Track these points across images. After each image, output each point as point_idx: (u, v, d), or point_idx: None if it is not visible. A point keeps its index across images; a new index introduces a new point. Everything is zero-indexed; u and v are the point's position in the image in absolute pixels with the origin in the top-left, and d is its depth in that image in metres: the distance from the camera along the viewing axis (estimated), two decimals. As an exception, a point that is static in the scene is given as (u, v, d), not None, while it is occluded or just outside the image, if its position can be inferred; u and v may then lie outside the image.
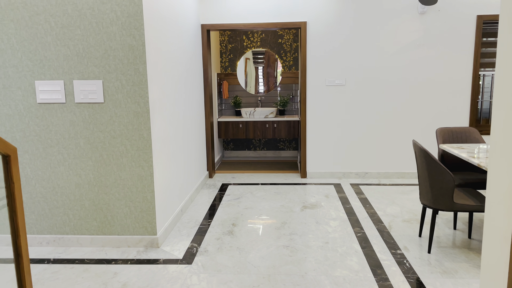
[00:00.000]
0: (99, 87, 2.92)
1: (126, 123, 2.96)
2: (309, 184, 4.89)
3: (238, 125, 6.08)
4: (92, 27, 2.86)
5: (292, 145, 6.66)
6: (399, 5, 4.68)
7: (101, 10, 2.83)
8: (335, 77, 4.91)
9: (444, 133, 3.67)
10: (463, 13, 4.64)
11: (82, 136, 2.99)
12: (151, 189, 3.04)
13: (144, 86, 2.91)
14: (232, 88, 6.55)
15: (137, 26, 2.84)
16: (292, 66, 6.42)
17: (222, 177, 5.32)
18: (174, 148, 3.64)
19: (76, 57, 2.90)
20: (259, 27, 4.87)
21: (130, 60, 2.88)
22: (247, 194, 4.50)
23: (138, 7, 2.81)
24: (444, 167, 2.74)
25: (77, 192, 3.08)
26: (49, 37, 2.89)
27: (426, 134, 4.94)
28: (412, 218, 3.65)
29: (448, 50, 4.72)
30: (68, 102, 2.96)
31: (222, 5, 4.86)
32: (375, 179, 5.06)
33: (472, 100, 4.78)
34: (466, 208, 2.78)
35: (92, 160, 3.03)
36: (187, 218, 3.76)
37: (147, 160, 3.00)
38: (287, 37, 6.34)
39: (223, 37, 6.41)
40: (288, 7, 4.81)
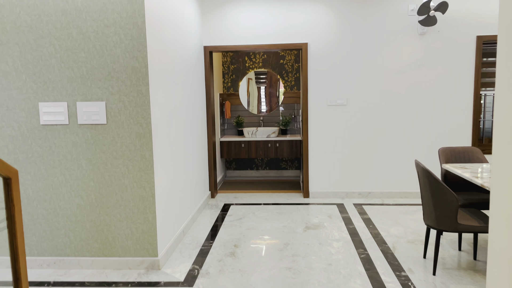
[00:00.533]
0: (102, 109, 2.94)
1: (128, 144, 2.97)
2: (312, 204, 4.86)
3: (241, 145, 6.09)
4: (96, 50, 2.90)
5: (295, 164, 6.65)
6: (399, 26, 4.74)
7: (105, 33, 2.88)
8: (337, 97, 4.94)
9: (447, 152, 3.66)
10: (462, 33, 4.69)
11: (85, 157, 3.00)
12: (153, 210, 3.03)
13: (146, 107, 2.93)
14: (234, 108, 6.59)
15: (140, 49, 2.88)
16: (294, 86, 6.46)
17: (225, 197, 5.29)
18: (176, 168, 3.64)
19: (80, 79, 2.94)
20: (261, 49, 4.93)
21: (133, 81, 2.91)
22: (250, 214, 4.47)
23: (141, 31, 2.85)
24: (447, 187, 2.72)
25: (78, 213, 3.07)
26: (54, 59, 2.93)
27: (428, 153, 4.92)
28: (416, 239, 3.61)
29: (448, 70, 4.75)
30: (71, 124, 2.98)
31: (225, 27, 4.93)
32: (378, 199, 5.02)
33: (474, 119, 4.79)
34: (471, 229, 2.74)
35: (94, 181, 3.02)
36: (189, 239, 3.73)
37: (148, 181, 3.00)
38: (289, 58, 6.41)
39: (226, 58, 6.48)
40: (289, 29, 4.88)
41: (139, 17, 2.84)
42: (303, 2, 4.83)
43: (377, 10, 4.75)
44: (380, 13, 4.75)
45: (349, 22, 4.81)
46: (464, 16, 4.66)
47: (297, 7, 4.84)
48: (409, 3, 4.70)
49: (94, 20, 2.87)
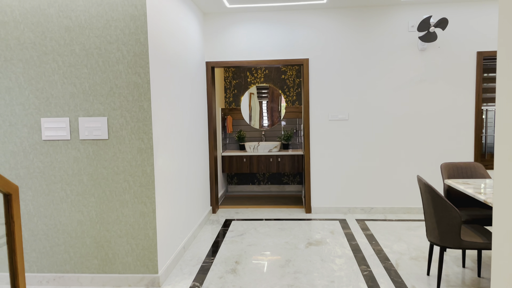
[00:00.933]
0: (103, 124, 2.95)
1: (129, 159, 2.97)
2: (314, 219, 4.82)
3: (242, 160, 6.09)
4: (98, 66, 2.93)
5: (297, 179, 6.63)
6: (400, 42, 4.78)
7: (107, 49, 2.91)
8: (338, 112, 4.94)
9: (449, 168, 3.64)
10: (463, 49, 4.72)
11: (86, 173, 3.00)
12: (153, 226, 3.01)
13: (148, 122, 2.94)
14: (236, 122, 6.60)
15: (143, 65, 2.90)
16: (296, 101, 6.49)
17: (226, 212, 5.26)
18: (177, 183, 3.63)
19: (82, 94, 2.96)
20: (262, 64, 4.96)
21: (135, 97, 2.93)
22: (251, 230, 4.43)
23: (144, 47, 2.88)
24: (450, 203, 2.70)
25: (78, 229, 3.05)
26: (56, 75, 2.95)
27: (431, 168, 4.90)
28: (419, 255, 3.56)
29: (450, 85, 4.77)
30: (72, 139, 2.99)
31: (227, 43, 4.97)
32: (381, 214, 4.99)
33: (476, 134, 4.78)
34: (474, 246, 2.71)
35: (94, 197, 3.02)
36: (190, 255, 3.70)
37: (149, 196, 2.98)
38: (290, 73, 6.45)
39: (228, 73, 6.53)
40: (290, 44, 4.92)
41: (142, 33, 2.87)
42: (304, 18, 4.88)
43: (378, 26, 4.79)
44: (381, 29, 4.79)
45: (350, 38, 4.85)
46: (464, 32, 4.70)
47: (298, 23, 4.89)
48: (409, 19, 4.74)
49: (97, 36, 2.90)
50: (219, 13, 4.95)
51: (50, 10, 2.90)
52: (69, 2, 2.89)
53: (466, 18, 4.69)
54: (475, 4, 4.66)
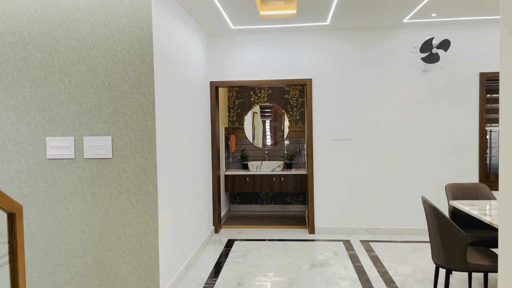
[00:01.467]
0: (108, 143, 2.96)
1: (133, 178, 2.97)
2: (318, 240, 4.77)
3: (245, 179, 6.07)
4: (104, 86, 2.96)
5: (300, 199, 6.59)
6: (402, 63, 4.82)
7: (113, 69, 2.95)
8: (342, 132, 4.95)
9: (454, 189, 3.62)
10: (465, 70, 4.75)
11: (89, 192, 3.00)
12: (156, 246, 2.99)
13: (152, 141, 2.95)
14: (239, 141, 6.62)
15: (148, 85, 2.93)
16: (299, 121, 6.51)
17: (229, 232, 5.22)
18: (180, 203, 3.62)
19: (88, 114, 2.98)
20: (266, 84, 5.01)
21: (140, 116, 2.95)
22: (254, 250, 4.39)
23: (149, 67, 2.92)
24: (455, 225, 2.67)
25: (81, 248, 3.03)
26: (63, 95, 2.99)
27: (435, 189, 4.87)
28: (425, 278, 3.51)
29: (453, 106, 4.78)
30: (77, 158, 3.00)
31: (231, 63, 5.03)
32: (385, 235, 4.93)
33: (480, 155, 4.76)
34: (481, 269, 2.67)
35: (97, 216, 3.01)
36: (192, 276, 3.66)
37: (152, 215, 2.97)
38: (293, 93, 6.49)
39: (231, 92, 6.58)
40: (293, 64, 4.97)
41: (148, 54, 2.91)
42: (307, 39, 4.94)
43: (380, 46, 4.85)
44: (384, 50, 4.84)
45: (353, 59, 4.90)
46: (467, 53, 4.74)
47: (302, 44, 4.95)
48: (412, 40, 4.79)
49: (104, 57, 2.95)
50: (224, 34, 5.03)
51: (58, 31, 2.96)
52: (77, 24, 2.95)
53: (468, 39, 4.74)
54: (477, 26, 4.72)
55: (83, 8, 2.94)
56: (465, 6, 4.06)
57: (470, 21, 4.63)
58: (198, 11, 4.00)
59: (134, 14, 2.91)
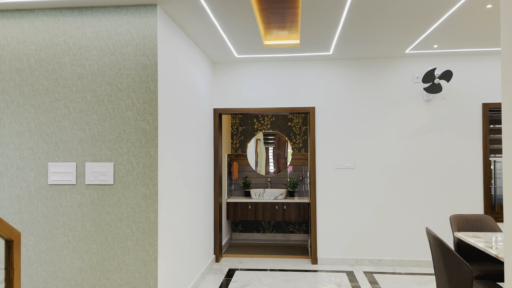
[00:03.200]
0: (110, 169, 2.96)
1: (133, 205, 2.95)
2: (320, 271, 4.67)
3: (247, 206, 6.02)
4: (108, 112, 2.99)
5: (303, 228, 6.50)
6: (405, 93, 4.85)
7: (118, 96, 2.98)
8: (345, 160, 4.94)
9: (459, 220, 3.56)
10: (468, 101, 4.77)
11: (89, 218, 2.97)
12: (155, 275, 2.93)
13: (154, 168, 2.94)
14: (242, 168, 6.60)
15: (151, 112, 2.95)
16: (302, 148, 6.51)
17: (230, 261, 5.13)
18: (181, 231, 3.57)
19: (91, 140, 2.99)
20: (269, 111, 5.03)
21: (142, 143, 2.96)
22: (255, 281, 4.30)
23: (153, 94, 2.95)
24: (461, 258, 2.61)
25: (78, 277, 2.98)
26: (67, 121, 3.01)
27: (439, 220, 4.80)
28: (430, 312, 3.41)
29: (456, 136, 4.77)
30: (78, 184, 2.99)
31: (234, 91, 5.08)
32: (389, 267, 4.83)
33: (485, 186, 4.71)
34: (488, 304, 2.59)
35: (96, 243, 2.97)
36: (191, 306, 3.57)
37: (152, 244, 2.93)
38: (297, 121, 6.52)
39: (235, 119, 6.62)
40: (296, 93, 5.01)
41: (152, 82, 2.95)
42: (310, 68, 5.00)
43: (383, 76, 4.89)
44: (386, 80, 4.88)
45: (355, 88, 4.94)
46: (469, 83, 4.77)
47: (305, 73, 5.01)
48: (414, 71, 4.83)
49: (109, 84, 2.98)
50: (228, 63, 5.10)
51: (65, 59, 3.01)
52: (83, 52, 3.00)
53: (470, 70, 4.78)
54: (479, 57, 4.77)
55: (90, 36, 3.00)
56: (466, 38, 4.11)
57: (472, 52, 4.68)
58: (203, 40, 4.08)
59: (140, 43, 2.96)
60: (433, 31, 3.87)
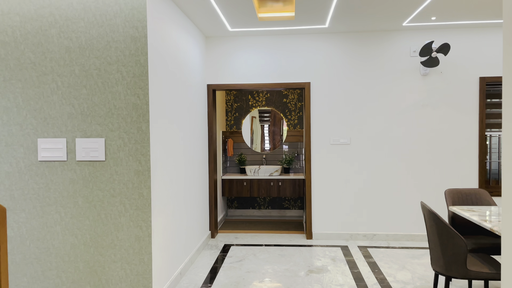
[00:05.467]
0: (101, 145, 2.90)
1: (126, 181, 2.91)
2: (315, 246, 4.70)
3: (243, 183, 6.01)
4: (97, 87, 2.91)
5: (298, 204, 6.52)
6: (402, 67, 4.77)
7: (107, 70, 2.89)
8: (340, 136, 4.90)
9: (453, 194, 3.56)
10: (465, 75, 4.71)
11: (81, 195, 2.93)
12: (149, 250, 2.92)
13: (146, 144, 2.89)
14: (237, 145, 6.56)
15: (142, 86, 2.88)
16: (297, 125, 6.45)
17: (225, 237, 5.15)
18: (175, 207, 3.55)
19: (80, 115, 2.92)
20: (264, 87, 4.95)
21: (134, 118, 2.89)
22: (250, 256, 4.32)
23: (143, 68, 2.86)
24: (455, 231, 2.61)
25: (72, 253, 2.96)
26: (55, 96, 2.93)
27: (434, 195, 4.81)
28: (424, 285, 3.44)
29: (452, 110, 4.73)
30: (69, 160, 2.94)
31: (228, 66, 4.98)
32: (383, 241, 4.86)
33: (480, 160, 4.70)
34: (481, 276, 2.60)
35: (89, 220, 2.94)
36: (186, 282, 3.58)
37: (145, 220, 2.91)
38: (292, 97, 6.44)
39: (229, 96, 6.53)
40: (292, 68, 4.92)
41: (142, 55, 2.86)
42: (306, 42, 4.90)
43: (380, 50, 4.80)
44: (383, 54, 4.80)
45: (352, 62, 4.85)
46: (467, 57, 4.70)
47: (300, 47, 4.91)
48: (411, 44, 4.75)
49: (97, 57, 2.89)
50: (221, 37, 4.98)
51: (52, 31, 2.91)
52: (70, 24, 2.89)
53: (468, 43, 4.69)
54: (477, 30, 4.68)
55: (77, 7, 2.89)
56: (466, 9, 4.02)
57: (470, 25, 4.59)
58: (195, 12, 3.96)
59: (129, 14, 2.86)
60: (432, 1, 3.77)
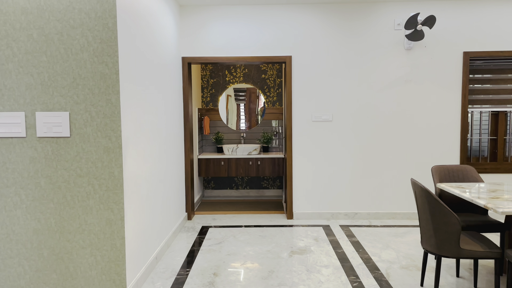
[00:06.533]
0: (65, 120, 2.60)
1: (94, 160, 2.63)
2: (296, 226, 4.56)
3: (220, 163, 5.78)
4: (60, 54, 2.58)
5: (277, 183, 6.36)
6: (386, 40, 4.60)
7: (70, 35, 2.56)
8: (322, 113, 4.72)
9: (440, 171, 3.45)
10: (449, 49, 4.58)
11: (44, 175, 2.63)
12: (121, 235, 2.67)
13: (116, 118, 2.61)
14: (213, 123, 6.29)
15: (111, 53, 2.57)
16: (276, 102, 6.23)
17: (202, 218, 4.94)
18: (150, 187, 3.29)
19: (41, 86, 2.60)
20: (242, 61, 4.68)
21: (102, 89, 2.59)
22: (230, 238, 4.13)
23: (112, 33, 2.55)
24: (449, 209, 2.48)
25: (35, 239, 2.67)
26: (11, 64, 2.58)
27: (416, 172, 4.73)
28: (410, 264, 3.35)
29: (436, 86, 4.62)
30: (28, 137, 2.62)
31: (204, 38, 4.68)
32: (365, 220, 4.77)
33: (462, 137, 4.64)
34: (475, 255, 2.50)
35: (53, 202, 2.65)
36: (163, 266, 3.36)
37: (117, 202, 2.65)
38: (271, 73, 6.20)
39: (205, 71, 6.22)
40: (272, 41, 4.66)
41: (110, 18, 2.54)
42: (287, 13, 4.64)
43: (363, 23, 4.60)
44: (366, 26, 4.60)
45: (334, 35, 4.64)
46: (451, 31, 4.57)
47: (281, 19, 4.64)
48: (396, 17, 4.57)
49: (59, 20, 2.56)
50: (197, 6, 4.65)
51: (4, -11, 2.54)
52: (25, -20, 2.54)
53: (453, 16, 4.56)
54: (463, 3, 4.54)
55: (33, -38, 2.53)
56: (453, -21, 3.85)
57: (456, -3, 4.45)
58: (169, -24, 3.62)
59: (94, -29, 2.52)
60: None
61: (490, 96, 4.66)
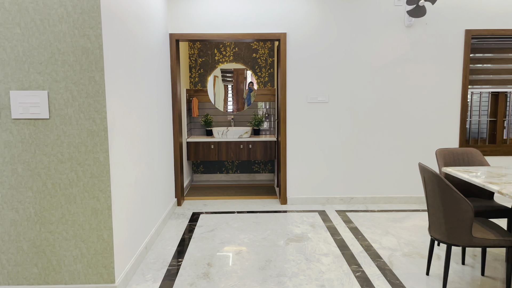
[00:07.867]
0: (43, 99, 2.33)
1: (77, 144, 2.38)
2: (291, 211, 4.40)
3: (210, 146, 5.55)
4: (35, 25, 2.30)
5: (268, 167, 6.18)
6: (385, 17, 4.38)
7: (47, 4, 2.28)
8: (318, 94, 4.51)
9: (445, 154, 3.30)
10: (451, 26, 4.40)
11: (21, 161, 2.38)
12: (109, 225, 2.45)
13: (101, 98, 2.35)
14: (202, 105, 6.03)
15: (93, 25, 2.30)
16: (268, 83, 6.00)
17: (193, 204, 4.74)
18: (138, 174, 3.06)
19: (14, 62, 2.32)
20: (233, 38, 4.42)
21: (84, 66, 2.33)
22: (222, 224, 3.94)
23: (94, 1, 2.28)
24: (461, 196, 2.33)
25: (12, 231, 2.44)
26: (-21, 36, 2.29)
27: (416, 154, 4.59)
28: (412, 251, 3.22)
29: (436, 65, 4.44)
30: (3, 118, 2.35)
31: (193, 13, 4.38)
32: (361, 204, 4.64)
33: (461, 119, 4.50)
34: (487, 244, 2.37)
35: (32, 191, 2.41)
36: (153, 257, 3.16)
37: (103, 189, 2.42)
38: (262, 52, 5.94)
39: (193, 50, 5.92)
40: (266, 16, 4.40)
41: (92, -16, 2.27)
42: (281, -12, 4.37)
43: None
44: (365, 2, 4.37)
45: (332, 11, 4.40)
46: (453, 7, 4.37)
47: (275, -6, 4.38)
48: (396, -7, 4.35)
49: (33, -13, 2.27)
50: (185, -21, 4.34)
51: (-32, -50, 2.23)
52: None
53: (454, -7, 4.36)
54: (464, -21, 4.34)
55: None
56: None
57: (458, -28, 4.24)
58: None
59: None
60: None
61: (491, 76, 4.51)
